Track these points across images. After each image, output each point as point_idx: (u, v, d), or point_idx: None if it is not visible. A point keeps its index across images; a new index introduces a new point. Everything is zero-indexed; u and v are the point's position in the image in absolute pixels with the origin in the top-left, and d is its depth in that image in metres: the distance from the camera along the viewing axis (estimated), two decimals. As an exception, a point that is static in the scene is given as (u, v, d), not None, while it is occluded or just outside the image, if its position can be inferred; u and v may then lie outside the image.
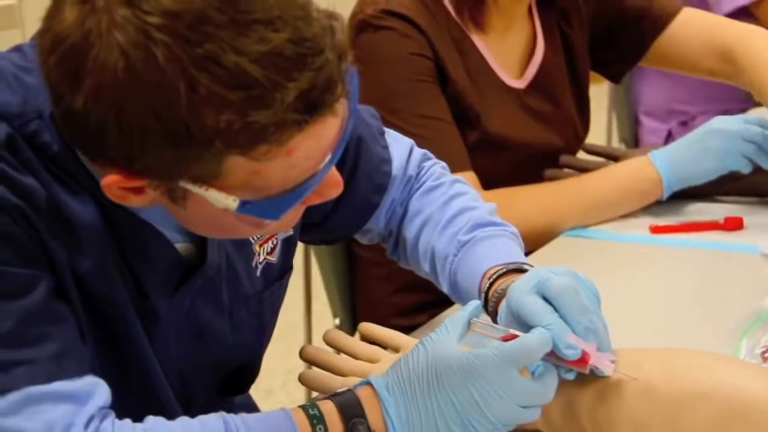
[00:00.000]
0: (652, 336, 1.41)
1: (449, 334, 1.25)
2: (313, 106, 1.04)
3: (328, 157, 1.12)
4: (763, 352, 1.43)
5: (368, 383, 1.19)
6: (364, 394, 1.18)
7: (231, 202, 1.10)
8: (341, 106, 1.10)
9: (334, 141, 1.13)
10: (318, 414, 1.17)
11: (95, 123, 1.05)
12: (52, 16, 1.06)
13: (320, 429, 1.17)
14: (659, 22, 2.11)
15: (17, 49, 1.23)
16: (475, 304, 1.23)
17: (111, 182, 1.09)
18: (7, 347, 1.11)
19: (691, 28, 2.14)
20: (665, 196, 1.81)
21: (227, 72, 1.01)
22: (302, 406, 1.19)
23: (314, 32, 1.05)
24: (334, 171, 1.17)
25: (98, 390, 1.16)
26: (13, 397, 1.10)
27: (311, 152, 1.10)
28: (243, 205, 1.10)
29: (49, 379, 1.12)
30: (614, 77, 2.25)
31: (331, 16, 1.09)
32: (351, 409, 1.18)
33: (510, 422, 1.16)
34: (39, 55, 1.09)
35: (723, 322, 1.49)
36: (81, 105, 1.03)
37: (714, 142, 1.80)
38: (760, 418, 1.17)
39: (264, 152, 1.05)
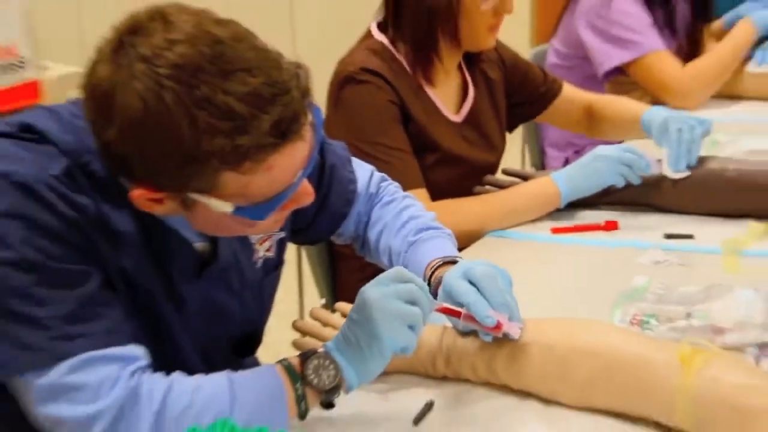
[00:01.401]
0: (551, 309, 1.42)
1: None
2: (284, 133, 1.11)
3: (300, 172, 1.18)
4: (631, 320, 1.49)
5: None
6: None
7: (227, 207, 1.16)
8: (307, 133, 1.16)
9: (305, 160, 1.18)
10: (286, 360, 1.24)
11: (123, 152, 1.13)
12: (89, 73, 1.13)
13: (285, 363, 1.23)
14: (549, 96, 2.23)
15: (73, 102, 1.26)
16: None
17: (138, 195, 1.16)
18: (70, 324, 1.16)
19: (569, 102, 2.26)
20: (562, 205, 1.86)
21: (218, 108, 1.08)
22: (279, 360, 1.25)
23: (283, 77, 1.11)
24: (305, 183, 1.22)
25: (139, 354, 1.21)
26: (76, 360, 1.15)
27: (286, 168, 1.16)
28: (237, 209, 1.16)
29: (103, 347, 1.16)
30: (512, 127, 2.28)
31: (298, 65, 1.15)
32: (307, 353, 1.25)
33: (400, 340, 1.23)
34: (83, 101, 1.16)
35: (603, 299, 1.55)
36: (112, 138, 1.11)
37: (598, 164, 1.85)
38: (631, 369, 1.23)
39: (249, 168, 1.11)
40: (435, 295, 1.40)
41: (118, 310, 1.24)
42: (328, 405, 1.24)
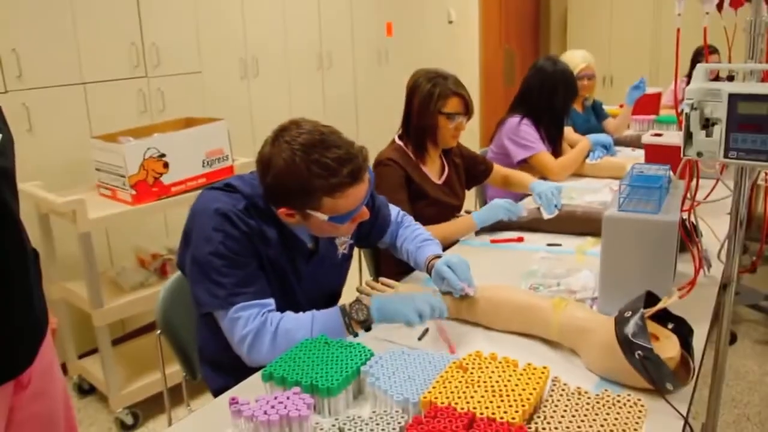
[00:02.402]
0: (490, 280, 1.68)
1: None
2: (354, 177, 1.45)
3: (362, 201, 1.51)
4: (530, 286, 1.81)
5: None
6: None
7: (325, 217, 1.47)
8: (367, 181, 1.50)
9: (365, 195, 1.51)
10: (344, 305, 1.50)
11: (274, 189, 1.48)
12: (260, 151, 1.49)
13: (342, 306, 1.49)
14: (486, 171, 2.69)
15: (251, 172, 1.60)
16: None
17: (281, 212, 1.49)
18: (238, 287, 1.47)
19: (496, 173, 2.70)
20: (477, 228, 2.25)
21: (322, 165, 1.42)
22: (341, 305, 1.51)
23: (354, 151, 1.46)
24: (365, 208, 1.54)
25: (270, 303, 1.51)
26: (239, 306, 1.46)
27: (356, 197, 1.48)
28: (330, 218, 1.48)
29: (252, 299, 1.48)
30: (469, 187, 2.64)
31: (362, 147, 1.48)
32: (354, 301, 1.50)
33: (410, 318, 1.46)
34: (256, 169, 1.51)
35: (516, 276, 1.88)
36: (269, 182, 1.47)
37: (495, 209, 2.23)
38: (529, 310, 1.53)
39: (337, 196, 1.45)
40: (429, 272, 1.72)
41: (263, 280, 1.52)
42: (367, 329, 1.50)
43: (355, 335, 1.47)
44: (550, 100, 3.07)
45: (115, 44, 3.30)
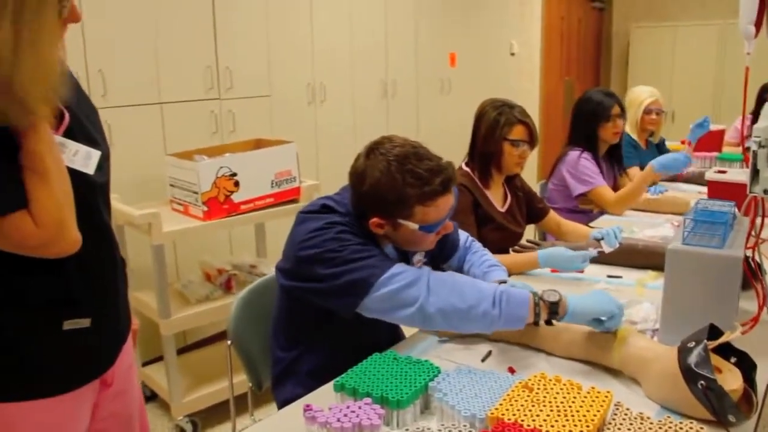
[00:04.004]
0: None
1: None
2: (445, 187, 1.53)
3: (448, 212, 1.59)
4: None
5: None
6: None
7: (415, 226, 1.55)
8: (453, 193, 1.58)
9: (450, 208, 1.59)
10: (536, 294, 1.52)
11: (368, 198, 1.55)
12: (354, 164, 1.59)
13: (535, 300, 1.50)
14: (543, 212, 2.72)
15: (337, 192, 1.70)
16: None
17: (372, 222, 1.57)
18: (376, 267, 1.51)
19: (550, 218, 2.72)
20: (540, 267, 2.21)
21: (417, 175, 1.50)
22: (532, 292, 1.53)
23: (444, 164, 1.55)
24: (449, 222, 1.62)
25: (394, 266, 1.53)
26: (385, 278, 1.49)
27: (443, 209, 1.56)
28: (420, 227, 1.55)
29: (387, 269, 1.51)
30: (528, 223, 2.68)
31: (448, 161, 1.57)
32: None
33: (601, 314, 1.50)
34: (349, 178, 1.59)
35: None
36: (362, 193, 1.55)
37: (562, 260, 2.15)
38: (592, 336, 1.55)
39: (428, 204, 1.53)
40: None
41: (387, 262, 1.55)
42: (548, 321, 1.52)
43: (536, 323, 1.49)
44: (588, 128, 3.18)
45: (192, 67, 3.47)
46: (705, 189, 2.94)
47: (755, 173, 1.43)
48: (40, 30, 1.01)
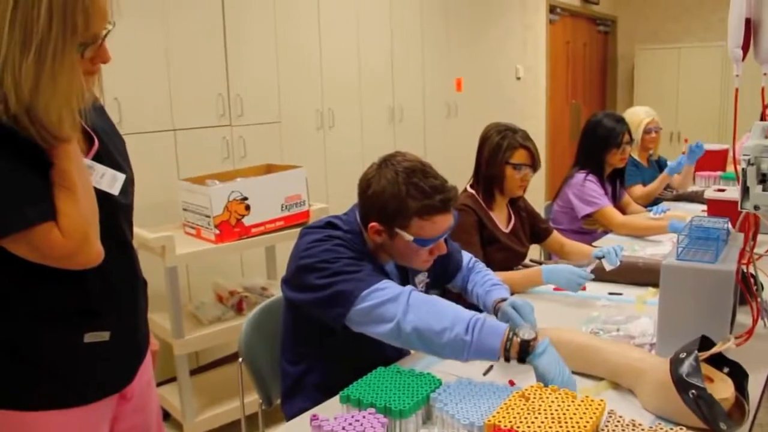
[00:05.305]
0: (553, 324, 1.76)
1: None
2: (445, 205, 1.59)
3: (444, 232, 1.64)
4: (591, 331, 1.86)
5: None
6: None
7: (410, 237, 1.60)
8: (452, 215, 1.63)
9: (448, 227, 1.64)
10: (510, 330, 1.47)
11: (371, 205, 1.62)
12: (364, 175, 1.65)
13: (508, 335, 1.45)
14: (546, 232, 2.76)
15: (345, 213, 1.75)
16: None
17: (371, 227, 1.62)
18: (362, 281, 1.54)
19: (553, 239, 2.77)
20: (544, 284, 2.23)
21: (420, 189, 1.57)
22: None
23: (448, 185, 1.62)
24: (442, 242, 1.66)
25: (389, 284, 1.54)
26: (373, 287, 1.52)
27: (440, 226, 1.61)
28: (414, 240, 1.61)
29: (376, 284, 1.53)
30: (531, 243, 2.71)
31: (453, 185, 1.63)
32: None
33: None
34: (358, 184, 1.64)
35: (578, 321, 1.96)
36: (367, 196, 1.62)
37: (565, 279, 2.17)
38: (591, 350, 1.60)
39: (426, 218, 1.59)
40: (496, 314, 1.80)
41: (378, 276, 1.58)
42: (521, 360, 1.43)
43: (507, 359, 1.44)
44: (597, 152, 3.25)
45: (204, 95, 3.55)
46: (706, 207, 2.99)
47: (746, 190, 1.49)
48: (61, 66, 1.11)
